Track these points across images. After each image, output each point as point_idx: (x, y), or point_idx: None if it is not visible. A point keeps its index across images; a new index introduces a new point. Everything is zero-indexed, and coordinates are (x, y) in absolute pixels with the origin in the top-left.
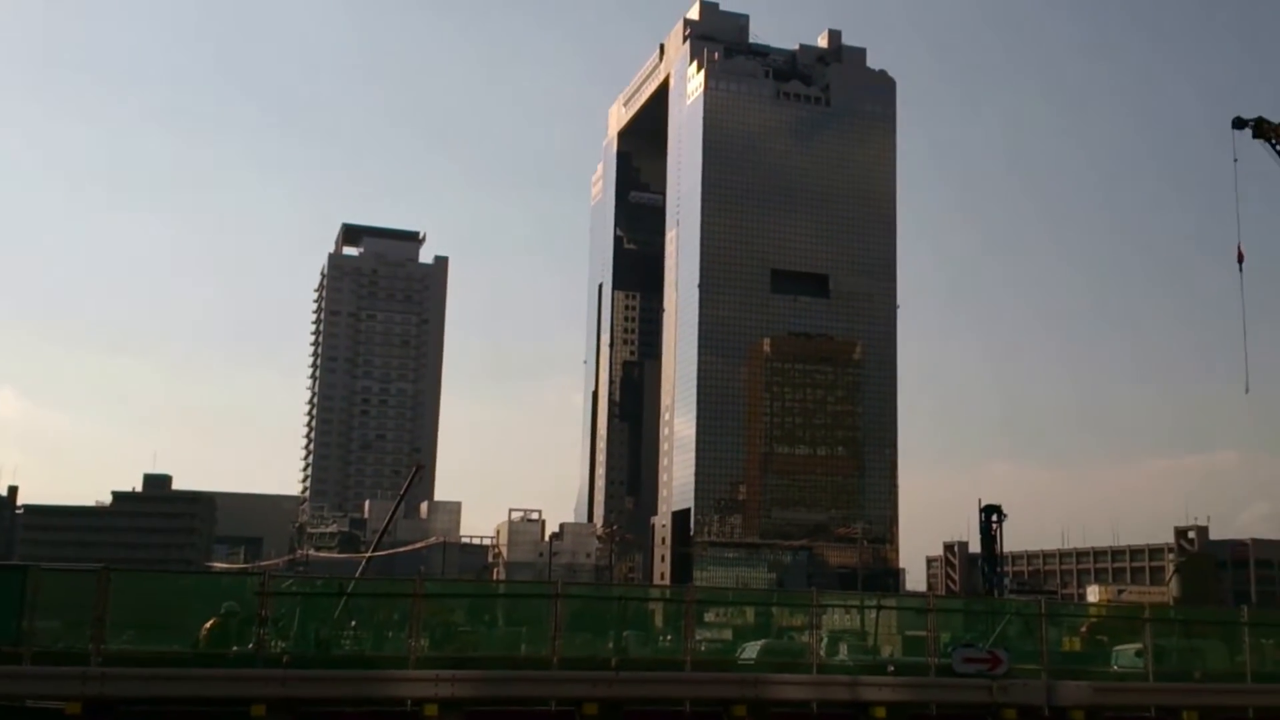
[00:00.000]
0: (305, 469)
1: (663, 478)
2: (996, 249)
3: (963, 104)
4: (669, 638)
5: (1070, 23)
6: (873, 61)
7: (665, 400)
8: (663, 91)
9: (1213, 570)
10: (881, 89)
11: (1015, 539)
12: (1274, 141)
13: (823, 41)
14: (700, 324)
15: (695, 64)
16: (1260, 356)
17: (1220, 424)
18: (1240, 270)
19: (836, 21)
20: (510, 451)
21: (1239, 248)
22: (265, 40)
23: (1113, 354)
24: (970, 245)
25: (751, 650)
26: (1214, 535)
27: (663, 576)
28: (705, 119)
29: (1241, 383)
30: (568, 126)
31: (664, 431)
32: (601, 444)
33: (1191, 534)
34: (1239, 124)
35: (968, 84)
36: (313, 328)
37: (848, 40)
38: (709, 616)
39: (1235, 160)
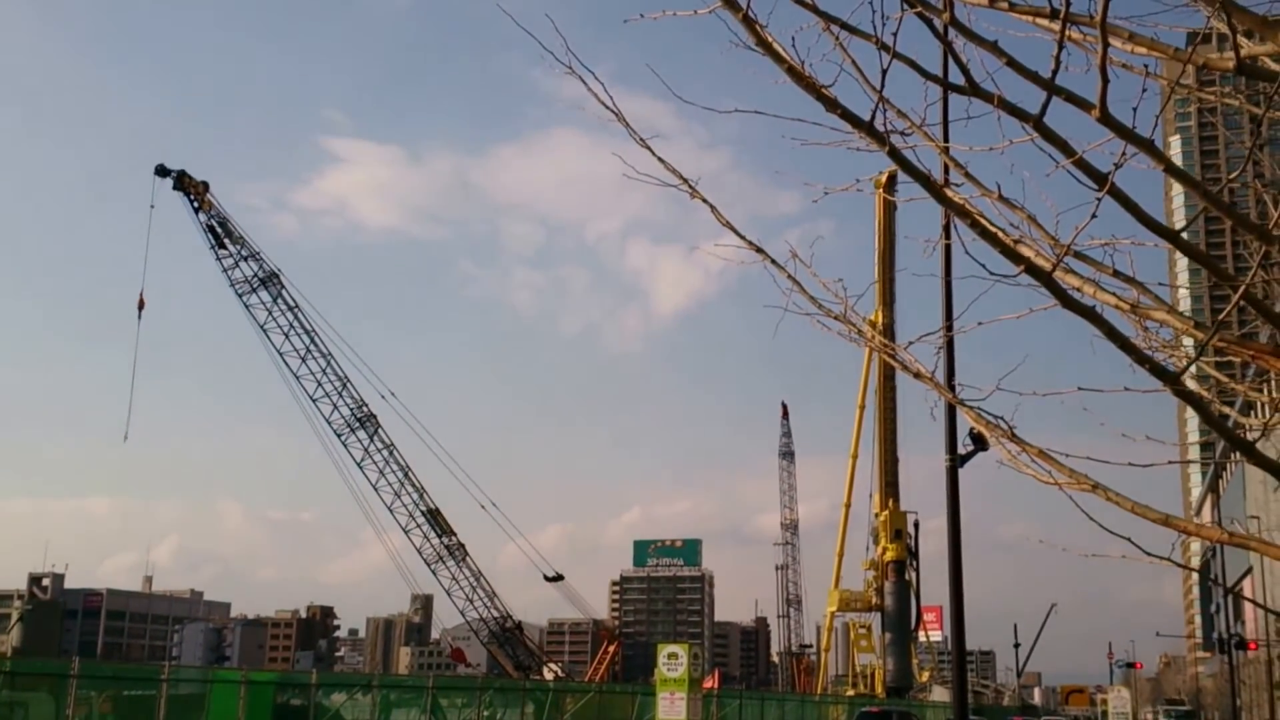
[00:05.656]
0: None
1: None
2: None
3: None
4: None
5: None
6: None
7: None
8: None
9: (60, 619)
10: None
11: None
12: (192, 196)
13: None
14: None
15: None
16: (142, 407)
17: (96, 469)
18: (139, 318)
19: None
20: None
21: (141, 295)
22: None
23: None
24: None
25: None
26: (74, 584)
27: None
28: None
29: (122, 430)
30: None
31: None
32: None
33: (46, 581)
34: (162, 172)
35: None
36: None
37: None
38: None
39: (153, 207)
